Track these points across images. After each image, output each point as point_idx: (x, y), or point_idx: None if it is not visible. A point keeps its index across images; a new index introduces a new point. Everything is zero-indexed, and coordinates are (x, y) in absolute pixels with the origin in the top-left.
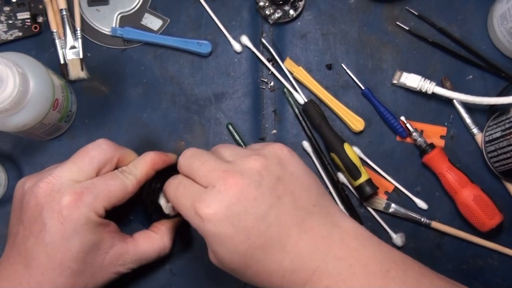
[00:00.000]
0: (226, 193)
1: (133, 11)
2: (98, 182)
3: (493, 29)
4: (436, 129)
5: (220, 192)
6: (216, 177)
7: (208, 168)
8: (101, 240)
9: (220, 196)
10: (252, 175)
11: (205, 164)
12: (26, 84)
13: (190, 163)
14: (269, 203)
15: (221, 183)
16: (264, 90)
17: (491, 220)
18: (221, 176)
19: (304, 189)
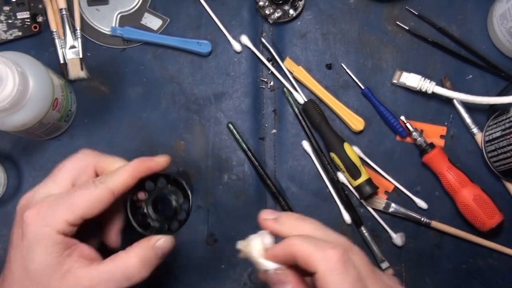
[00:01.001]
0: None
1: (132, 10)
2: (64, 194)
3: (493, 29)
4: (436, 129)
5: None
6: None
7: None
8: (57, 262)
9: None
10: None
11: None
12: (26, 84)
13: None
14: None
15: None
16: (264, 89)
17: (491, 219)
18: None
19: None
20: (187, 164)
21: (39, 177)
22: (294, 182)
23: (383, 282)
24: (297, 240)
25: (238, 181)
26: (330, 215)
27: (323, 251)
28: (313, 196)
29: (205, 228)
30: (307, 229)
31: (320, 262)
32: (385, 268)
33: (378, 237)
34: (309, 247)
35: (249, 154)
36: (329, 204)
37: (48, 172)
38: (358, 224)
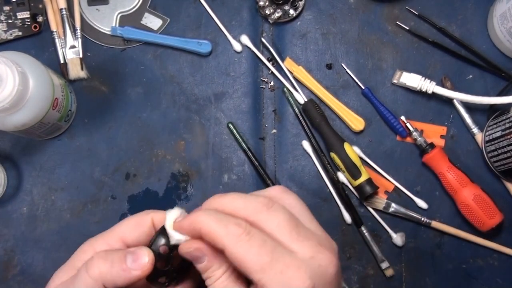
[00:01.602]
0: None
1: (133, 10)
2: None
3: (493, 29)
4: (436, 129)
5: (320, 266)
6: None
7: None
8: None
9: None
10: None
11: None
12: (26, 83)
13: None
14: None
15: (321, 257)
16: (264, 89)
17: (491, 219)
18: (317, 247)
19: None
20: (187, 164)
21: (39, 177)
22: (294, 182)
23: (306, 235)
24: (201, 216)
25: (238, 181)
26: (330, 215)
27: (225, 227)
28: (313, 196)
29: None
30: (225, 201)
31: (224, 238)
32: (385, 268)
33: (378, 237)
34: (212, 225)
35: (249, 154)
36: (329, 204)
37: (48, 172)
38: (358, 224)
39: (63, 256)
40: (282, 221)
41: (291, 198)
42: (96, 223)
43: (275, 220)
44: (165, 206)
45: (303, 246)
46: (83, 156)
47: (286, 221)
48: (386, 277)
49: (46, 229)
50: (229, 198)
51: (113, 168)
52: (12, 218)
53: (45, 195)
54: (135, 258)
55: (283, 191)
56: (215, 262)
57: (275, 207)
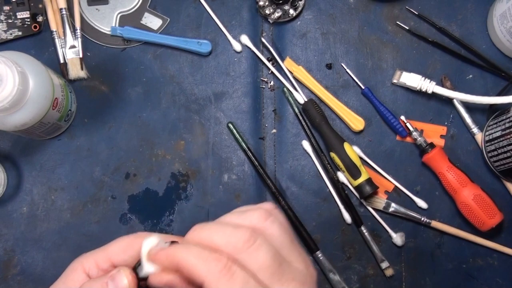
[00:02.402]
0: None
1: (133, 10)
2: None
3: (493, 29)
4: (436, 129)
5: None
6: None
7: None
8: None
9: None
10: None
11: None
12: (26, 83)
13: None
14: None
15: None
16: (264, 89)
17: (491, 219)
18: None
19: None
20: (187, 163)
21: (39, 177)
22: (294, 182)
23: (289, 275)
24: (180, 251)
25: (238, 181)
26: (330, 215)
27: (206, 262)
28: (313, 196)
29: None
30: (205, 236)
31: (204, 274)
32: (385, 267)
33: (378, 237)
34: (191, 259)
35: (249, 154)
36: (329, 204)
37: (48, 172)
38: (358, 224)
39: (63, 256)
40: (265, 261)
41: (274, 225)
42: (96, 223)
43: (258, 259)
44: (165, 206)
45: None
46: (83, 156)
47: (268, 261)
48: (386, 277)
49: (46, 229)
50: (208, 232)
51: (113, 168)
52: (12, 218)
53: (45, 195)
54: (116, 284)
55: (266, 217)
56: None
57: (258, 243)
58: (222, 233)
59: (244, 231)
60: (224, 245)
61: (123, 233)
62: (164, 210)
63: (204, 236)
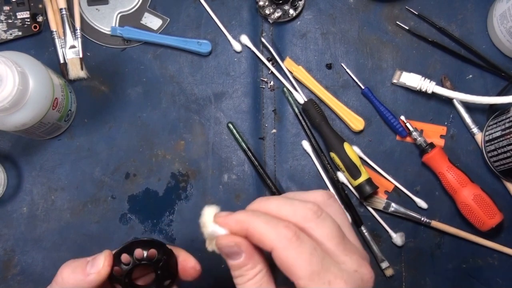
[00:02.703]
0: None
1: (133, 10)
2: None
3: (493, 29)
4: (436, 129)
5: (362, 280)
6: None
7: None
8: None
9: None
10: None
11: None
12: (26, 83)
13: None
14: None
15: (364, 272)
16: (264, 89)
17: (491, 219)
18: (361, 261)
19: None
20: (187, 164)
21: (39, 177)
22: (294, 182)
23: (351, 248)
24: (250, 217)
25: (238, 181)
26: None
27: (276, 230)
28: None
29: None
30: (272, 206)
31: (274, 241)
32: (385, 267)
33: (378, 237)
34: (261, 226)
35: (249, 154)
36: None
37: (48, 172)
38: (358, 224)
39: (63, 256)
40: (331, 232)
41: (335, 206)
42: (96, 223)
43: (324, 230)
44: (165, 206)
45: (350, 259)
46: (83, 156)
47: (334, 232)
48: (386, 277)
49: (46, 229)
50: (276, 203)
51: (113, 168)
52: (12, 218)
53: (45, 195)
54: (93, 263)
55: (329, 198)
56: (251, 261)
57: (324, 215)
58: (290, 205)
59: (312, 204)
60: (292, 215)
61: (123, 233)
62: (164, 210)
63: (271, 207)
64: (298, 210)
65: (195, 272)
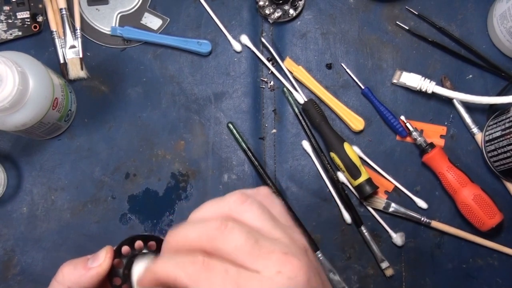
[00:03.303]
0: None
1: (133, 10)
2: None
3: (493, 29)
4: (436, 129)
5: (290, 278)
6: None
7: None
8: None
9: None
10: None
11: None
12: (26, 83)
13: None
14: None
15: (289, 268)
16: (264, 89)
17: (491, 219)
18: (282, 259)
19: None
20: (187, 164)
21: (39, 177)
22: (294, 182)
23: (269, 248)
24: (158, 266)
25: (238, 181)
26: (330, 215)
27: (184, 269)
28: (313, 196)
29: None
30: (180, 237)
31: (185, 280)
32: (385, 267)
33: (378, 237)
34: (169, 269)
35: (249, 154)
36: (329, 204)
37: (48, 172)
38: (358, 224)
39: (63, 256)
40: (239, 242)
41: (253, 207)
42: (96, 223)
43: (231, 243)
44: (165, 206)
45: (267, 262)
46: (83, 156)
47: (242, 241)
48: (386, 277)
49: (46, 229)
50: (183, 232)
51: (113, 168)
52: (12, 218)
53: (45, 195)
54: (95, 258)
55: (243, 201)
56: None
57: (229, 228)
58: (193, 229)
59: (214, 220)
60: (197, 240)
61: (123, 233)
62: (164, 210)
63: (179, 238)
64: (201, 232)
65: None
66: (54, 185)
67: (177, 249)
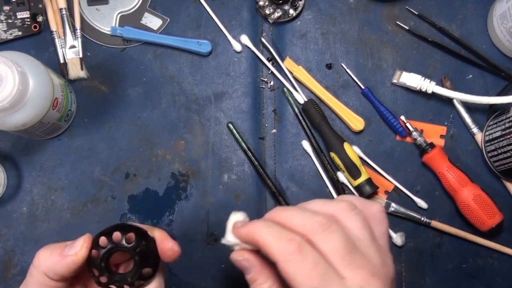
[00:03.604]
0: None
1: (132, 10)
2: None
3: (493, 29)
4: (436, 129)
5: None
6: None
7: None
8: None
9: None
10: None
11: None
12: (26, 83)
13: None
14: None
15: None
16: (264, 89)
17: (491, 219)
18: (369, 277)
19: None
20: (187, 164)
21: (39, 177)
22: (294, 182)
23: (361, 263)
24: (258, 227)
25: (238, 181)
26: None
27: (280, 242)
28: (313, 196)
29: (205, 228)
30: (285, 215)
31: (277, 253)
32: None
33: None
34: (267, 238)
35: (249, 154)
36: None
37: (48, 172)
38: None
39: None
40: (337, 245)
41: (357, 217)
42: (96, 223)
43: (329, 243)
44: (165, 206)
45: (354, 274)
46: (83, 156)
47: (341, 245)
48: None
49: (46, 229)
50: (290, 213)
51: (113, 168)
52: (12, 218)
53: (45, 195)
54: (72, 245)
55: (349, 210)
56: (262, 275)
57: (332, 228)
58: (302, 215)
59: (322, 216)
60: (301, 226)
61: None
62: (164, 210)
63: (284, 216)
64: (307, 221)
65: (173, 253)
66: (54, 185)
67: (278, 223)
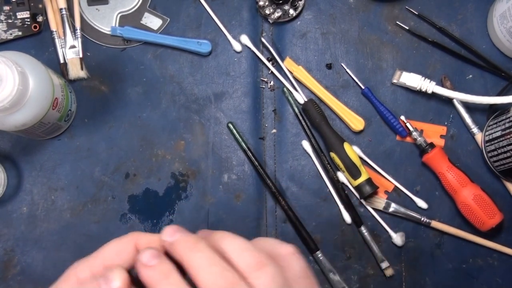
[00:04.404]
0: None
1: (133, 10)
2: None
3: (493, 29)
4: (436, 129)
5: None
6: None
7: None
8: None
9: None
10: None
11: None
12: (26, 83)
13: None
14: None
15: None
16: (264, 89)
17: (491, 219)
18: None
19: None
20: (187, 164)
21: (39, 177)
22: (294, 182)
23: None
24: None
25: (238, 181)
26: (330, 215)
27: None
28: (313, 196)
29: (205, 228)
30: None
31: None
32: (385, 267)
33: (378, 237)
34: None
35: (249, 154)
36: (329, 204)
37: (48, 172)
38: (358, 224)
39: (63, 256)
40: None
41: (294, 265)
42: (96, 223)
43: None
44: (165, 206)
45: None
46: (83, 156)
47: (273, 283)
48: (386, 277)
49: (46, 229)
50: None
51: (113, 168)
52: (12, 218)
53: (45, 195)
54: (107, 282)
55: (292, 254)
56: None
57: (267, 269)
58: (219, 272)
59: (264, 254)
60: (239, 262)
61: (123, 233)
62: (164, 210)
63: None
64: (246, 258)
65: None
66: (54, 185)
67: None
